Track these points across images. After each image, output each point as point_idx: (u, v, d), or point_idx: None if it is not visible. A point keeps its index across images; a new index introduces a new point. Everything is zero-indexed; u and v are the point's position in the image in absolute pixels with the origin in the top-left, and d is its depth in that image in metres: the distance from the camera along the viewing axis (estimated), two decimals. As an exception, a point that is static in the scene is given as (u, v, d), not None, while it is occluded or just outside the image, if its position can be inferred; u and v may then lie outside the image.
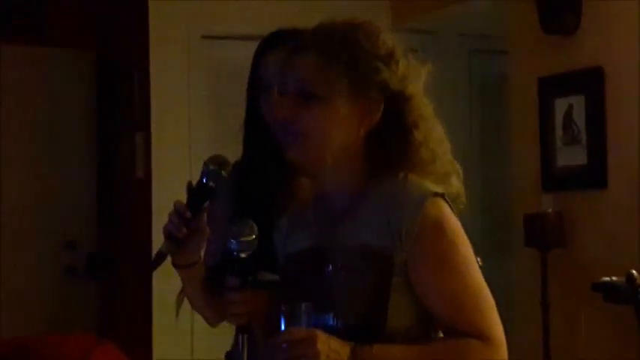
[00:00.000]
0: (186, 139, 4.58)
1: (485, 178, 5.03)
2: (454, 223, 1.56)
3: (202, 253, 1.84)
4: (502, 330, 1.54)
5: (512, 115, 4.42)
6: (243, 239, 1.62)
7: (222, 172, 1.71)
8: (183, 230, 1.65)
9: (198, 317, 4.71)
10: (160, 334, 4.45)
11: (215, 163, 1.73)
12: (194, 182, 1.72)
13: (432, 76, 1.65)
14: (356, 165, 1.60)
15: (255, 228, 1.62)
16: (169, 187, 4.48)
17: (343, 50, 1.57)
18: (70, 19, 5.06)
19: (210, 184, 1.70)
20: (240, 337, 1.63)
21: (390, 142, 1.59)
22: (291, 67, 1.61)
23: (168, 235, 1.67)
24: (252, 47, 2.08)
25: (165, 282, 1.79)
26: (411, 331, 1.53)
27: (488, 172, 5.05)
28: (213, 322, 1.98)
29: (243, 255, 1.62)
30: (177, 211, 1.66)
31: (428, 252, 1.52)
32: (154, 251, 4.82)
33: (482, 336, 1.51)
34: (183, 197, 3.65)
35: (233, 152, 2.13)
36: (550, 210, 4.00)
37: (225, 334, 1.97)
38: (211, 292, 1.86)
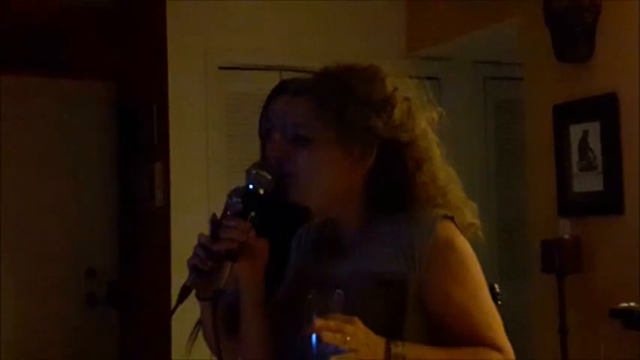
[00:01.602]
0: (203, 169, 4.62)
1: (500, 204, 5.04)
2: (464, 244, 1.61)
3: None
4: (511, 347, 1.59)
5: (527, 142, 4.44)
6: (260, 172, 1.63)
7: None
8: (209, 263, 1.63)
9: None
10: (178, 362, 4.48)
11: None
12: (218, 214, 1.69)
13: (443, 118, 1.68)
14: (358, 205, 1.65)
15: (275, 173, 1.64)
16: (188, 215, 4.53)
17: (334, 95, 1.62)
18: (89, 52, 5.14)
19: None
20: (226, 263, 1.60)
21: (393, 184, 1.63)
22: (286, 112, 1.70)
23: (193, 268, 1.64)
24: (268, 77, 2.12)
25: (184, 309, 1.79)
26: None
27: (504, 199, 5.06)
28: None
29: (254, 188, 1.63)
30: (202, 245, 1.64)
31: (440, 270, 1.57)
32: (173, 278, 4.86)
33: (496, 348, 1.57)
34: (201, 225, 3.67)
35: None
36: (567, 236, 4.01)
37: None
38: (228, 333, 1.85)
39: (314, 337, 1.45)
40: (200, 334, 1.98)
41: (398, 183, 1.63)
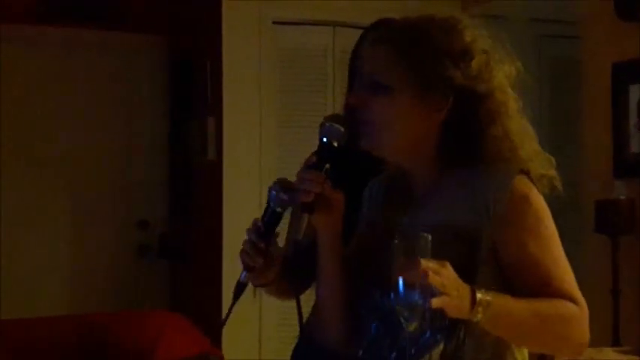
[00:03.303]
0: (256, 124, 4.64)
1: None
2: (539, 199, 1.63)
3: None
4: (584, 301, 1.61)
5: (584, 101, 4.38)
6: (333, 125, 1.65)
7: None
8: (260, 261, 1.67)
9: (267, 302, 4.74)
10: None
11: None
12: (264, 205, 1.70)
13: (521, 74, 1.70)
14: (430, 157, 1.66)
15: (347, 125, 1.65)
16: (240, 169, 4.57)
17: (413, 45, 1.62)
18: (142, 5, 5.16)
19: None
20: (301, 215, 1.62)
21: (466, 136, 1.63)
22: (366, 60, 1.69)
23: (244, 265, 1.69)
24: (321, 32, 2.11)
25: (236, 260, 1.80)
26: None
27: (558, 158, 4.99)
28: (284, 299, 2.00)
29: (328, 141, 1.65)
30: (252, 243, 1.67)
31: (516, 224, 1.58)
32: (224, 230, 4.85)
33: (573, 301, 1.58)
34: (253, 179, 3.72)
35: (302, 137, 2.16)
36: (622, 197, 3.96)
37: (294, 318, 1.97)
38: (285, 286, 1.85)
39: (400, 281, 1.45)
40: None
41: (470, 135, 1.63)
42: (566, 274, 1.60)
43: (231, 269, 4.44)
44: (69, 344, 3.25)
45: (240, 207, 4.45)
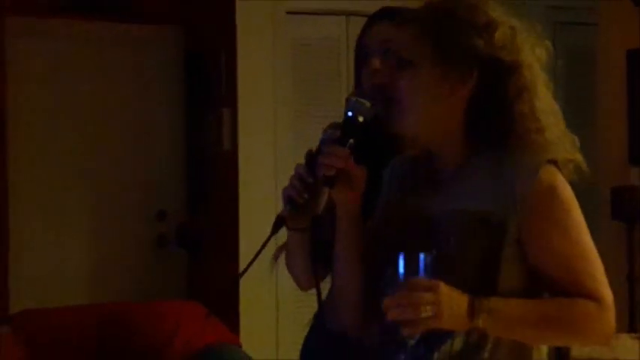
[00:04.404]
0: (271, 114, 4.65)
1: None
2: (567, 189, 1.60)
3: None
4: (611, 294, 1.58)
5: (599, 88, 4.37)
6: (360, 100, 1.65)
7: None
8: (305, 195, 1.64)
9: (284, 290, 4.78)
10: (246, 303, 4.56)
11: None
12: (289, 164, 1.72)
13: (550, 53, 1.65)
14: (458, 137, 1.64)
15: (373, 101, 1.65)
16: (255, 159, 4.59)
17: (436, 21, 1.61)
18: (158, -3, 5.18)
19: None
20: (323, 190, 1.61)
21: (492, 113, 1.61)
22: (390, 38, 1.71)
23: (288, 199, 1.65)
24: (336, 23, 2.12)
25: (253, 250, 1.80)
26: (520, 297, 1.56)
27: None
28: (304, 287, 1.97)
29: (354, 116, 1.63)
30: (300, 176, 1.65)
31: (542, 216, 1.56)
32: (241, 220, 4.88)
33: (594, 298, 1.56)
34: (268, 169, 3.73)
35: (317, 126, 2.16)
36: (638, 183, 3.95)
37: (310, 306, 1.97)
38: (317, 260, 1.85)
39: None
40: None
41: (497, 112, 1.60)
42: (592, 268, 1.58)
43: (248, 258, 4.44)
44: (87, 333, 3.28)
45: (256, 197, 4.48)
